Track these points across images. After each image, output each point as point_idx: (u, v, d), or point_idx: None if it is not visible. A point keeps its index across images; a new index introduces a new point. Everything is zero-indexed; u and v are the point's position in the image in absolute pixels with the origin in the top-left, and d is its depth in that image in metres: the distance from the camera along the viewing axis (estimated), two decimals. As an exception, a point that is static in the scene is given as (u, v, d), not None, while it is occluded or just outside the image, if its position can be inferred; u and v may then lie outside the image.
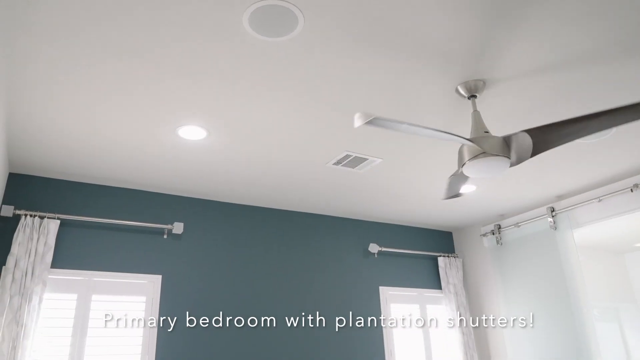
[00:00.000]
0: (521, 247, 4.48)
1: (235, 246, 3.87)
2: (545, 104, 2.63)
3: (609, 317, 5.51)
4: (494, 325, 4.59)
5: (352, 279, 4.33)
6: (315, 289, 4.10)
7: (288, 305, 3.92)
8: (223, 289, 3.70)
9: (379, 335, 4.26)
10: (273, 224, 4.11)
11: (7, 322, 2.80)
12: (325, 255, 4.27)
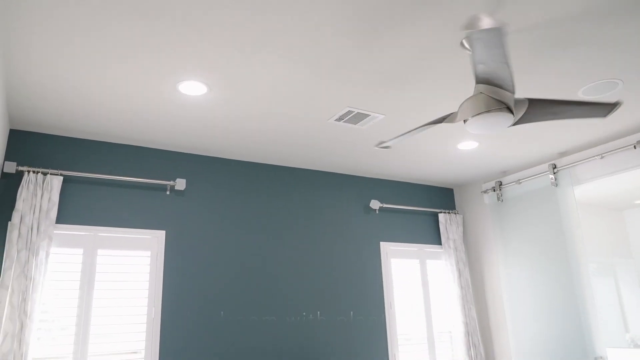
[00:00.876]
0: (521, 204, 4.51)
1: (238, 202, 3.90)
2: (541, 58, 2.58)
3: (605, 272, 5.62)
4: (492, 280, 4.69)
5: (353, 235, 4.38)
6: (316, 244, 4.16)
7: (290, 259, 4.00)
8: (226, 244, 3.76)
9: (379, 289, 4.36)
10: (275, 180, 4.13)
11: (16, 275, 2.87)
12: (327, 211, 4.32)
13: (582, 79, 2.84)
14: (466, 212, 5.05)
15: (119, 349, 3.21)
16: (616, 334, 5.33)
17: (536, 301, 4.26)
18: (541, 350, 4.16)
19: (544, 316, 4.17)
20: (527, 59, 2.58)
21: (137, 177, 3.52)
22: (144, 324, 3.32)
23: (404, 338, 4.39)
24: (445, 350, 4.59)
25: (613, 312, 5.42)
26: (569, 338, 3.96)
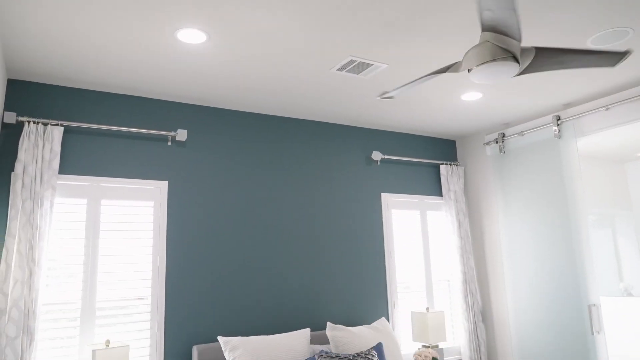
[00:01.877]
0: (523, 156, 4.50)
1: (239, 153, 3.90)
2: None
3: (603, 224, 5.69)
4: (491, 231, 4.75)
5: (354, 186, 4.41)
6: (318, 195, 4.20)
7: (291, 209, 4.04)
8: (227, 194, 3.79)
9: (380, 239, 4.43)
10: (276, 131, 4.11)
11: (22, 224, 2.92)
12: (329, 162, 4.32)
13: (591, 28, 2.77)
14: (468, 164, 5.05)
15: (125, 295, 3.31)
16: (610, 283, 5.46)
17: (534, 251, 4.33)
18: (536, 297, 4.27)
19: (540, 265, 4.26)
20: (535, 6, 2.50)
21: (137, 128, 3.51)
22: (149, 272, 3.41)
23: (403, 286, 4.50)
24: (442, 298, 4.72)
25: (609, 262, 5.53)
26: (564, 286, 4.06)
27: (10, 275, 2.83)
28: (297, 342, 3.36)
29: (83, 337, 3.12)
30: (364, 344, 3.48)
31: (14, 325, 2.78)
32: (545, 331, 4.18)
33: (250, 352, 3.15)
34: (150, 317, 3.35)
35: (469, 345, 4.51)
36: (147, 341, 3.32)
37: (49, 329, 3.05)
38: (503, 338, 4.56)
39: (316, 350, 3.47)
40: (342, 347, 3.43)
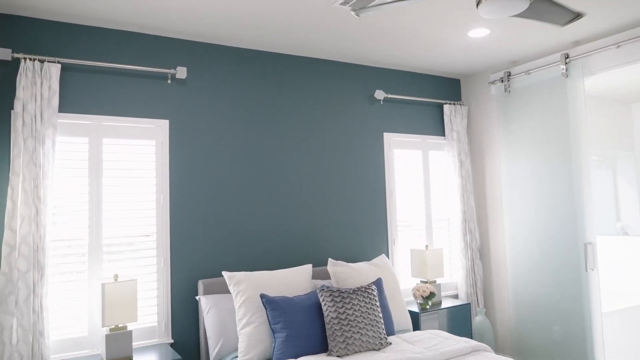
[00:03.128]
0: (528, 96, 4.43)
1: (239, 91, 3.84)
2: None
3: (605, 165, 5.69)
4: (492, 171, 4.77)
5: (357, 125, 4.38)
6: (320, 134, 4.18)
7: (293, 148, 4.04)
8: (229, 132, 3.78)
9: (381, 178, 4.46)
10: (278, 69, 4.03)
11: (25, 163, 2.93)
12: (331, 101, 4.27)
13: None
14: (472, 104, 4.99)
15: (131, 232, 3.38)
16: (607, 223, 5.55)
17: (534, 190, 4.37)
18: (534, 235, 4.35)
19: (540, 204, 4.31)
20: None
21: (136, 65, 3.44)
22: (153, 209, 3.46)
23: (404, 224, 4.58)
24: (442, 236, 4.82)
25: (607, 202, 5.59)
26: (562, 225, 4.13)
27: (17, 213, 2.87)
28: (299, 277, 3.47)
29: (92, 272, 3.22)
30: (364, 279, 3.59)
31: (24, 260, 2.86)
32: (540, 268, 4.30)
33: (254, 286, 3.26)
34: (156, 253, 3.44)
35: (466, 281, 4.65)
36: (154, 276, 3.43)
37: (59, 264, 3.15)
38: (499, 274, 4.70)
39: (318, 285, 3.59)
40: (342, 282, 3.54)
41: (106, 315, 2.90)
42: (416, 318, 3.99)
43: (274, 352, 2.99)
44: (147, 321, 3.39)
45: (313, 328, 3.06)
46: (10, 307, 2.81)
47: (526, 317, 4.43)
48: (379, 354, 2.96)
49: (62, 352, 3.10)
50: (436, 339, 3.23)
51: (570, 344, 4.04)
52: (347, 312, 3.07)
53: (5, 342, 2.78)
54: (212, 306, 3.32)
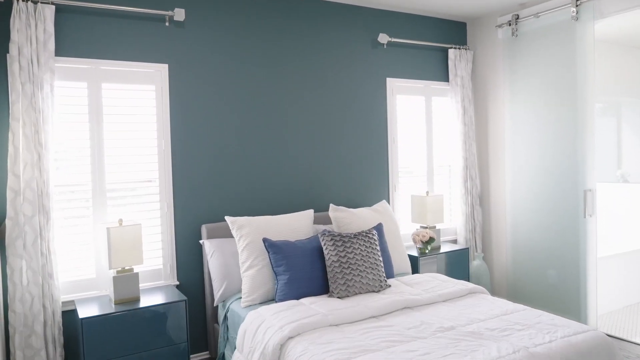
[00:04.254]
0: (536, 40, 4.31)
1: (240, 34, 3.75)
2: None
3: (610, 112, 5.63)
4: (495, 118, 4.73)
5: (359, 70, 4.30)
6: (322, 78, 4.11)
7: (295, 93, 3.99)
8: (229, 77, 3.72)
9: (384, 124, 4.43)
10: (279, 11, 3.91)
11: (25, 108, 2.90)
12: (333, 45, 4.17)
13: None
14: (477, 48, 4.87)
15: (134, 177, 3.40)
16: (608, 170, 5.56)
17: (537, 137, 4.35)
18: (534, 182, 4.37)
19: (542, 151, 4.30)
20: None
21: (132, 7, 3.33)
22: (155, 155, 3.47)
23: (405, 171, 4.60)
24: (442, 183, 4.85)
25: (609, 149, 5.58)
26: (562, 172, 4.14)
27: (19, 158, 2.88)
28: (301, 222, 3.52)
29: (96, 217, 3.27)
30: (365, 224, 3.65)
31: (29, 205, 2.90)
32: (539, 214, 4.35)
33: (256, 230, 3.31)
34: (159, 199, 3.48)
35: (465, 227, 4.72)
36: (158, 220, 3.48)
37: (64, 209, 3.19)
38: (498, 220, 4.76)
39: (319, 230, 3.65)
40: (343, 227, 3.60)
41: (112, 258, 2.97)
42: (415, 262, 4.08)
43: (277, 293, 3.09)
44: (153, 264, 3.47)
45: (314, 271, 3.14)
46: (19, 250, 2.87)
47: (523, 261, 4.53)
48: (378, 295, 3.05)
49: (72, 293, 3.20)
50: (434, 282, 3.32)
51: (565, 287, 4.16)
52: (348, 255, 3.14)
53: (16, 283, 2.86)
54: (215, 250, 3.39)
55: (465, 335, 2.45)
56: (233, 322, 3.10)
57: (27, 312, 2.89)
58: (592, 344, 2.39)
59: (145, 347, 2.94)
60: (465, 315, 2.75)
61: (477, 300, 3.03)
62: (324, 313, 2.71)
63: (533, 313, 2.76)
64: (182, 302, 3.07)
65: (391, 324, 2.64)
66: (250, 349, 2.62)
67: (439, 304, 2.97)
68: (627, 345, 3.72)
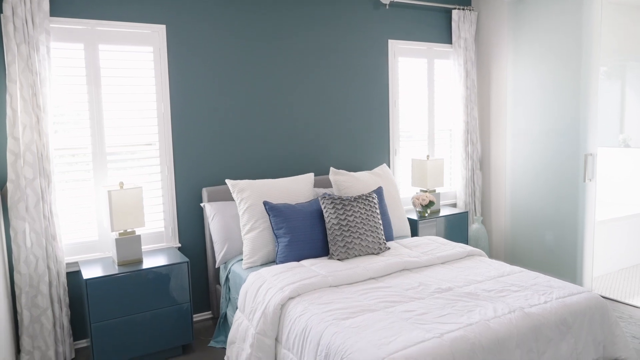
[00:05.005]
0: (543, 1, 4.21)
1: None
2: None
3: (614, 75, 5.56)
4: (498, 81, 4.67)
5: (361, 31, 4.22)
6: (323, 40, 4.04)
7: (296, 55, 3.93)
8: (229, 38, 3.65)
9: (385, 87, 4.38)
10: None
11: (21, 69, 2.87)
12: (335, 6, 4.07)
13: None
14: (482, 10, 4.76)
15: (134, 141, 3.39)
16: (610, 135, 5.53)
17: (539, 101, 4.31)
18: (535, 146, 4.36)
19: (544, 115, 4.27)
20: None
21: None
22: (155, 118, 3.45)
23: (406, 135, 4.58)
24: (443, 147, 4.83)
25: (612, 114, 5.53)
26: (564, 136, 4.12)
27: (18, 121, 2.87)
28: (302, 186, 3.54)
29: (97, 180, 3.28)
30: (365, 188, 3.66)
31: (30, 168, 2.90)
32: (539, 178, 4.36)
33: (257, 193, 3.33)
34: (159, 162, 3.48)
35: (465, 191, 4.74)
36: (159, 184, 3.50)
37: (65, 172, 3.20)
38: (498, 184, 4.77)
39: (319, 193, 3.66)
40: (344, 190, 3.61)
41: (114, 221, 3.00)
42: (415, 225, 4.12)
43: (277, 255, 3.13)
44: (155, 227, 3.51)
45: (315, 233, 3.17)
46: (22, 212, 2.89)
47: (521, 225, 4.57)
48: (377, 257, 3.09)
49: (75, 255, 3.25)
50: (433, 245, 3.36)
51: (562, 250, 4.21)
52: (348, 218, 3.16)
53: (20, 245, 2.90)
54: (216, 213, 3.42)
55: (462, 296, 2.50)
56: (234, 283, 3.16)
57: (32, 273, 2.94)
58: (587, 304, 2.44)
59: (149, 307, 3.01)
60: (463, 276, 2.80)
61: (474, 262, 3.07)
62: (323, 274, 2.75)
63: (529, 275, 2.81)
64: (185, 264, 3.12)
65: (390, 285, 2.69)
66: (251, 308, 2.68)
67: (437, 266, 3.01)
68: (620, 307, 3.80)
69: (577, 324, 2.36)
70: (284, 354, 2.41)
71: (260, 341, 2.49)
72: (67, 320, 3.10)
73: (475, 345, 2.04)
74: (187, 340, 3.16)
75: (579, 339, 2.35)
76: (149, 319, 3.01)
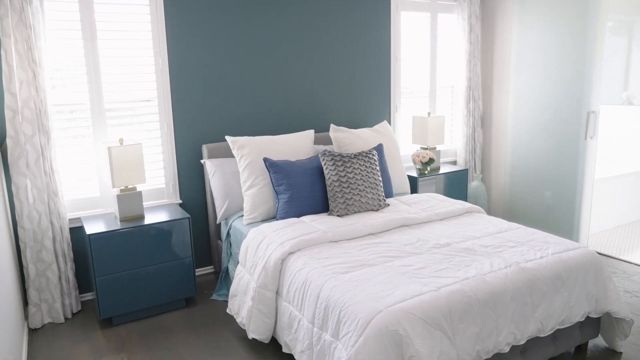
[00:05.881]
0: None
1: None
2: None
3: (620, 31, 5.43)
4: (502, 36, 4.57)
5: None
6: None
7: (296, 10, 3.83)
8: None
9: (387, 43, 4.29)
10: None
11: (15, 23, 2.80)
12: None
13: None
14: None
15: (132, 97, 3.36)
16: (614, 92, 5.46)
17: (544, 57, 4.23)
18: (538, 103, 4.32)
19: (548, 72, 4.21)
20: None
21: None
22: (152, 74, 3.40)
23: (407, 91, 4.53)
24: (445, 104, 4.79)
25: (617, 71, 5.44)
26: (567, 93, 4.07)
27: (14, 76, 2.83)
28: (302, 142, 3.53)
29: (96, 136, 3.27)
30: (365, 145, 3.65)
31: (28, 124, 2.89)
32: (540, 136, 4.34)
33: (257, 150, 3.33)
34: (159, 118, 3.46)
35: (465, 148, 4.73)
36: (159, 140, 3.49)
37: (64, 129, 3.18)
38: (499, 142, 4.76)
39: (319, 150, 3.66)
40: (344, 147, 3.61)
41: (115, 177, 3.01)
42: (414, 183, 4.14)
43: (278, 211, 3.16)
44: (156, 183, 3.53)
45: (315, 190, 3.19)
46: (22, 168, 2.90)
47: (520, 182, 4.59)
48: (377, 214, 3.12)
49: (78, 211, 3.29)
50: (432, 202, 3.39)
51: (560, 207, 4.24)
52: (348, 175, 3.17)
53: (22, 201, 2.92)
54: (216, 169, 3.43)
55: (459, 251, 2.54)
56: (236, 239, 3.21)
57: (35, 228, 2.98)
58: (582, 260, 2.49)
59: (151, 262, 3.07)
60: (461, 233, 2.83)
61: (473, 219, 3.11)
62: (323, 230, 2.79)
63: (527, 231, 2.84)
64: (186, 220, 3.16)
65: (388, 240, 2.73)
66: (252, 263, 2.73)
67: (436, 223, 3.05)
68: (614, 262, 3.87)
69: (572, 279, 2.41)
70: (285, 307, 2.47)
71: (262, 294, 2.55)
72: (72, 274, 3.17)
73: (471, 299, 2.09)
74: (190, 293, 3.24)
75: (572, 292, 2.40)
76: (152, 273, 3.08)
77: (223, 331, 2.95)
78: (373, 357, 1.85)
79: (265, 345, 2.77)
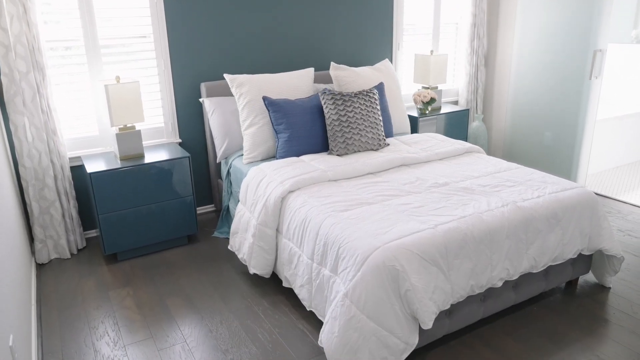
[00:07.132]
0: None
1: None
2: None
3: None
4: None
5: None
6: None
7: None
8: None
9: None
10: None
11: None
12: None
13: None
14: None
15: (127, 32, 3.27)
16: (623, 30, 5.31)
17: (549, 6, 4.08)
18: (544, 41, 4.21)
19: (556, 8, 4.06)
20: None
21: None
22: (147, 9, 3.29)
23: (410, 28, 4.40)
24: (448, 42, 4.67)
25: (627, 8, 5.26)
26: (574, 31, 3.96)
27: (4, 10, 2.73)
28: (301, 81, 3.47)
29: (92, 74, 3.21)
30: (366, 84, 3.59)
31: (22, 61, 2.83)
32: (544, 75, 4.26)
33: (256, 88, 3.28)
34: (155, 55, 3.39)
35: (467, 88, 4.66)
36: (156, 78, 3.43)
37: (59, 66, 3.12)
38: (502, 82, 4.68)
39: (319, 89, 3.61)
40: (344, 86, 3.55)
41: (113, 116, 2.99)
42: (415, 122, 4.11)
43: (277, 150, 3.16)
44: (155, 122, 3.51)
45: (314, 129, 3.17)
46: (19, 107, 2.87)
47: (521, 123, 4.55)
48: (377, 153, 3.13)
49: (77, 150, 3.29)
50: (432, 141, 3.38)
51: (559, 148, 4.24)
52: (348, 114, 3.15)
53: (21, 140, 2.92)
54: (215, 108, 3.39)
55: (457, 190, 2.56)
56: (236, 178, 3.23)
57: (36, 166, 3.00)
58: (578, 199, 2.52)
59: (153, 200, 3.11)
60: (460, 172, 2.85)
61: (472, 159, 3.11)
62: (323, 169, 2.80)
63: (525, 171, 2.86)
64: (186, 159, 3.16)
65: (387, 179, 2.75)
66: (253, 201, 2.77)
67: (435, 162, 3.06)
68: (610, 202, 3.92)
69: (567, 218, 2.45)
70: (285, 244, 2.53)
71: (262, 231, 2.60)
72: (75, 211, 3.22)
73: (467, 236, 2.14)
74: (191, 230, 3.30)
75: (567, 231, 2.45)
76: (154, 211, 3.13)
77: (225, 266, 3.04)
78: (370, 291, 1.92)
79: (266, 280, 2.86)
